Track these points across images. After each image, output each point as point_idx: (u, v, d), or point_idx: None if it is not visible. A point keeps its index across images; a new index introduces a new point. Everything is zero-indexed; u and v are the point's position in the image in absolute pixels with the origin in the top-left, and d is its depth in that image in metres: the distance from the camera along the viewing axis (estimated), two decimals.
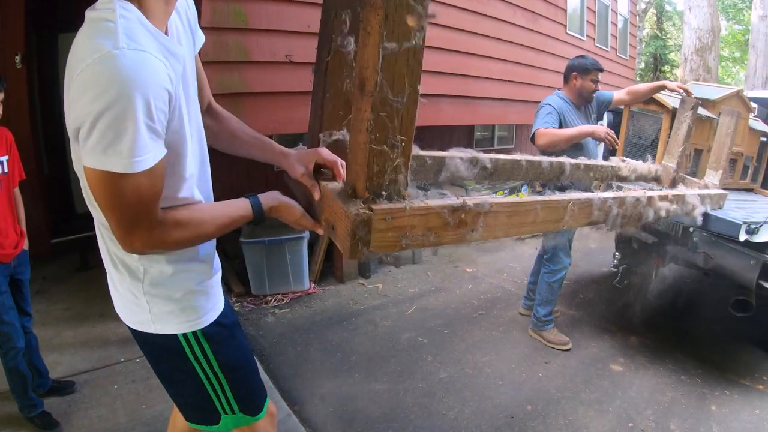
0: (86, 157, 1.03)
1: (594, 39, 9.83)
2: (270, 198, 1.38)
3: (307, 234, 4.50)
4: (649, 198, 2.10)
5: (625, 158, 2.98)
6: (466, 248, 6.37)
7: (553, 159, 2.09)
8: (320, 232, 1.38)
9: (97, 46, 1.00)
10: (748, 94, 5.65)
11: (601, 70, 3.67)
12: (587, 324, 4.34)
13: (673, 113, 3.88)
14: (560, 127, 3.50)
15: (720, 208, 3.16)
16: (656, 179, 3.11)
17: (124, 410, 2.83)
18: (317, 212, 1.40)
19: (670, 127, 3.91)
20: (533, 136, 3.53)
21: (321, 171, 1.42)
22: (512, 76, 7.14)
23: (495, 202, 1.39)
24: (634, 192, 2.09)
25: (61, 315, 3.90)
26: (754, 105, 4.91)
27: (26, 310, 2.76)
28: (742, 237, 3.14)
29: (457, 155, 1.49)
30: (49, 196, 5.24)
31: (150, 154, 1.06)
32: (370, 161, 1.14)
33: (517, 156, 1.89)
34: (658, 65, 23.96)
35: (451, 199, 1.33)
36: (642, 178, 3.06)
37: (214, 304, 1.51)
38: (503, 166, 1.70)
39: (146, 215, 1.13)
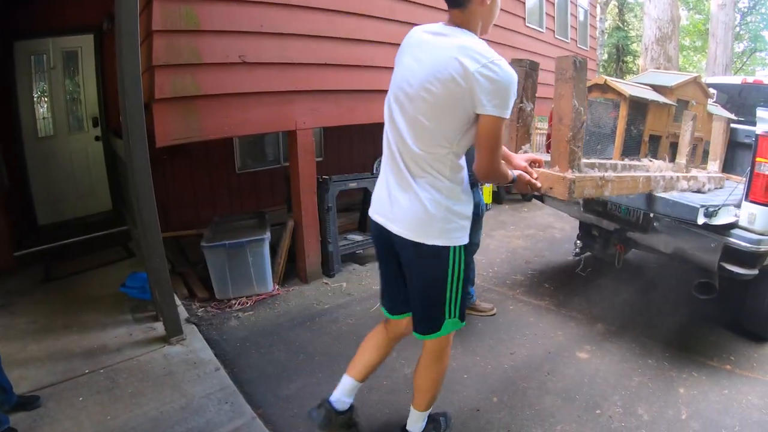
0: (492, 109, 1.85)
1: (553, 31, 9.85)
2: (515, 171, 2.22)
3: (268, 235, 4.48)
4: (677, 177, 3.52)
5: (651, 158, 4.04)
6: None
7: (614, 161, 3.56)
8: (538, 185, 2.32)
9: (489, 52, 1.85)
10: (708, 80, 5.75)
11: None
12: (553, 313, 4.37)
13: (630, 101, 3.95)
14: None
15: (721, 188, 4.02)
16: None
17: (89, 422, 2.78)
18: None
19: (628, 115, 3.98)
20: None
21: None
22: None
23: (614, 175, 2.83)
24: (669, 173, 3.54)
25: (26, 328, 3.82)
26: (712, 91, 4.99)
27: None
28: (701, 220, 3.17)
29: None
30: (9, 209, 5.15)
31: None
32: (570, 155, 2.40)
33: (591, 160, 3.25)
34: (620, 56, 24.37)
35: (597, 173, 2.67)
36: None
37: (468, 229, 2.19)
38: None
39: (501, 151, 1.98)
